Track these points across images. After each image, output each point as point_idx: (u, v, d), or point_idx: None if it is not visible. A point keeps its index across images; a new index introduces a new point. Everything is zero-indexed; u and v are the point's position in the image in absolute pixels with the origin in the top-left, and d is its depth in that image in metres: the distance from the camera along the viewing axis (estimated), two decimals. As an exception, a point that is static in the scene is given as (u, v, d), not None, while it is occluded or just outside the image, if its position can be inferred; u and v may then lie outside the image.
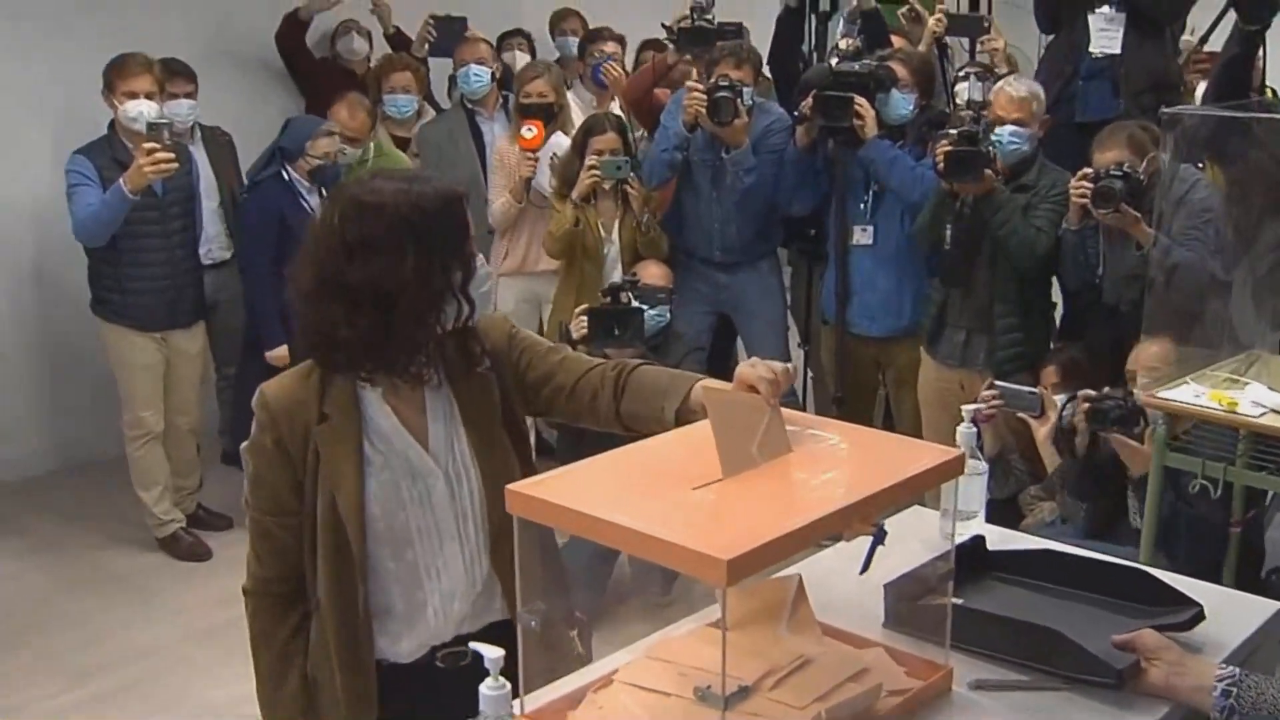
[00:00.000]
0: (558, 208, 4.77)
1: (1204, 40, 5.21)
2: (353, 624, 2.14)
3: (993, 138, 4.17)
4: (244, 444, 2.16)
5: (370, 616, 2.15)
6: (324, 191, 4.84)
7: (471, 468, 2.15)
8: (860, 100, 4.41)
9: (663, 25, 5.12)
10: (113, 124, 4.69)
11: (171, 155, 4.43)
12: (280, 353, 4.80)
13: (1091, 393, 3.61)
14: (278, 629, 2.20)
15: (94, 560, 4.91)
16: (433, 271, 2.03)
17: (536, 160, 4.93)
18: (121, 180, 4.43)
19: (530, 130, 4.92)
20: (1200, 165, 3.88)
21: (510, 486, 1.78)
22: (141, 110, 4.55)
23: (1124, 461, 3.57)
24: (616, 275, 4.72)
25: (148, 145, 4.40)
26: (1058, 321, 4.56)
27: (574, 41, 6.39)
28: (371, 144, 5.33)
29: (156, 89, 4.66)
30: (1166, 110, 3.63)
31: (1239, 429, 3.30)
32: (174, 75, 4.98)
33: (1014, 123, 4.19)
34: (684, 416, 2.07)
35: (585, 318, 4.11)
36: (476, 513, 2.16)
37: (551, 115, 4.99)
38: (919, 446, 1.99)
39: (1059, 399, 3.79)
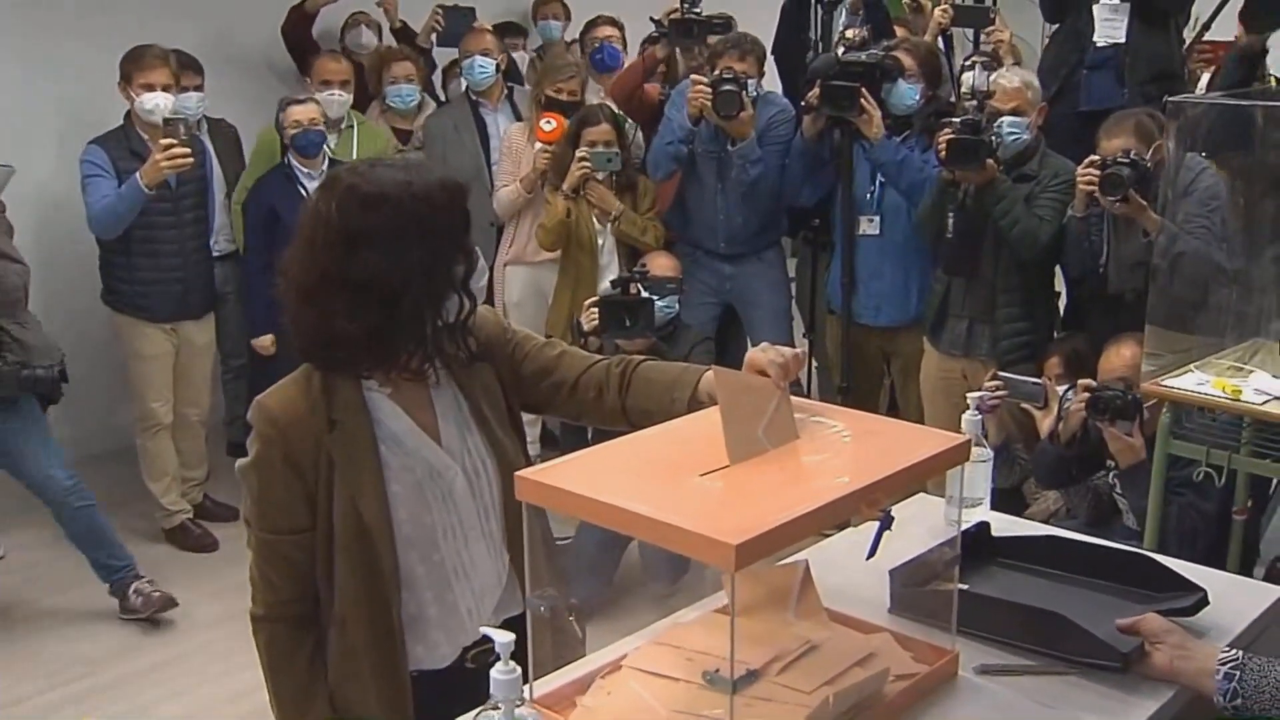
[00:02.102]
0: (549, 199, 4.78)
1: (1205, 28, 5.22)
2: (387, 635, 2.07)
3: (995, 128, 4.19)
4: (242, 462, 2.07)
5: (403, 626, 2.08)
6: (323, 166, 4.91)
7: (488, 460, 2.12)
8: (866, 96, 4.42)
9: (652, 19, 5.13)
10: (128, 114, 4.71)
11: (187, 150, 4.46)
12: (264, 341, 4.87)
13: (1092, 382, 3.63)
14: (298, 652, 2.11)
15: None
16: (436, 265, 1.98)
17: (553, 154, 4.92)
18: (138, 175, 4.45)
19: (550, 123, 4.94)
20: (1204, 154, 3.89)
21: (519, 473, 1.79)
22: (158, 103, 4.58)
23: (1113, 454, 3.59)
24: (613, 267, 4.74)
25: (164, 141, 4.42)
26: (1061, 311, 4.56)
27: (556, 25, 6.43)
28: (353, 114, 5.40)
29: (173, 81, 4.69)
30: (1171, 99, 3.64)
31: (1243, 417, 3.32)
32: (183, 68, 4.98)
33: (1011, 112, 4.21)
34: (693, 407, 2.06)
35: (595, 309, 4.12)
36: (496, 507, 2.13)
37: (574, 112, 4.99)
38: (925, 433, 2.00)
39: (1061, 389, 3.80)
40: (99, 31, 5.27)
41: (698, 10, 4.87)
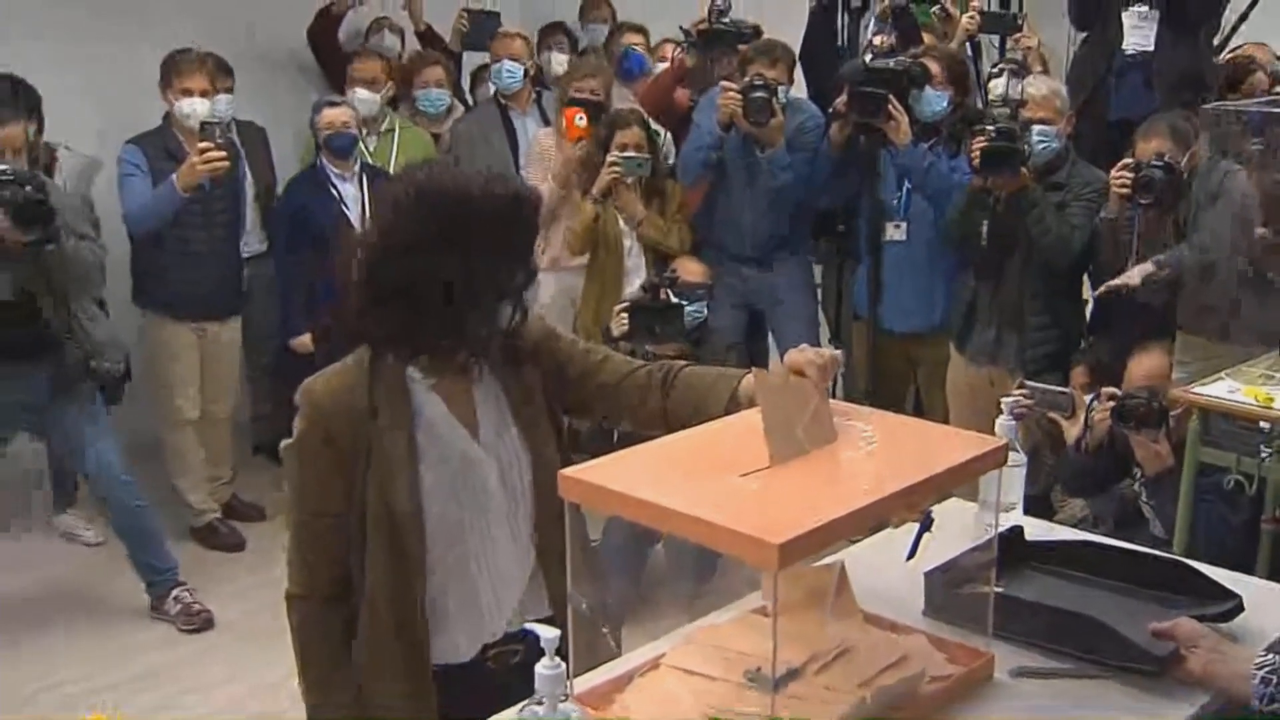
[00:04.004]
0: (579, 204, 4.80)
1: (1233, 32, 5.19)
2: (413, 622, 2.10)
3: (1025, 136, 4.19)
4: (286, 443, 2.12)
5: (427, 615, 2.11)
6: (366, 181, 4.96)
7: (523, 456, 2.14)
8: (894, 103, 4.42)
9: (681, 29, 5.14)
10: (167, 115, 4.75)
11: (224, 154, 4.49)
12: (303, 340, 4.91)
13: (1116, 391, 3.62)
14: (328, 633, 2.15)
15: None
16: (497, 273, 2.01)
17: (584, 156, 4.90)
18: (173, 177, 4.48)
19: (582, 119, 4.94)
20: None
21: (563, 471, 1.80)
22: (195, 108, 4.63)
23: (1140, 462, 3.59)
24: (640, 270, 4.75)
25: (200, 144, 4.45)
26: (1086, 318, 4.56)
27: (603, 30, 6.43)
28: (394, 116, 5.45)
29: (210, 86, 4.73)
30: (1207, 106, 3.64)
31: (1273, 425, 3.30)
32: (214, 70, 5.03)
33: (1039, 121, 4.21)
34: (731, 409, 2.07)
35: (625, 315, 4.12)
36: (527, 506, 2.15)
37: (600, 111, 4.97)
38: (963, 436, 2.01)
39: (1088, 398, 3.80)
40: (131, 31, 5.30)
41: (726, 20, 4.88)
